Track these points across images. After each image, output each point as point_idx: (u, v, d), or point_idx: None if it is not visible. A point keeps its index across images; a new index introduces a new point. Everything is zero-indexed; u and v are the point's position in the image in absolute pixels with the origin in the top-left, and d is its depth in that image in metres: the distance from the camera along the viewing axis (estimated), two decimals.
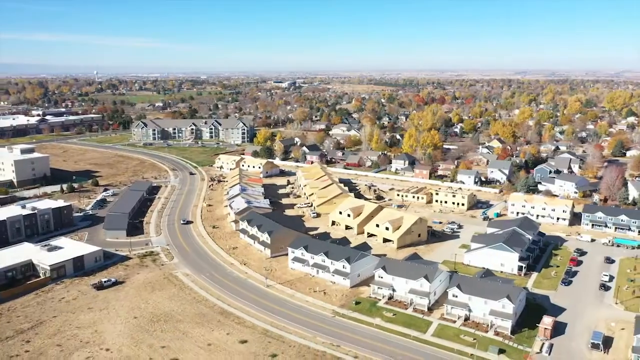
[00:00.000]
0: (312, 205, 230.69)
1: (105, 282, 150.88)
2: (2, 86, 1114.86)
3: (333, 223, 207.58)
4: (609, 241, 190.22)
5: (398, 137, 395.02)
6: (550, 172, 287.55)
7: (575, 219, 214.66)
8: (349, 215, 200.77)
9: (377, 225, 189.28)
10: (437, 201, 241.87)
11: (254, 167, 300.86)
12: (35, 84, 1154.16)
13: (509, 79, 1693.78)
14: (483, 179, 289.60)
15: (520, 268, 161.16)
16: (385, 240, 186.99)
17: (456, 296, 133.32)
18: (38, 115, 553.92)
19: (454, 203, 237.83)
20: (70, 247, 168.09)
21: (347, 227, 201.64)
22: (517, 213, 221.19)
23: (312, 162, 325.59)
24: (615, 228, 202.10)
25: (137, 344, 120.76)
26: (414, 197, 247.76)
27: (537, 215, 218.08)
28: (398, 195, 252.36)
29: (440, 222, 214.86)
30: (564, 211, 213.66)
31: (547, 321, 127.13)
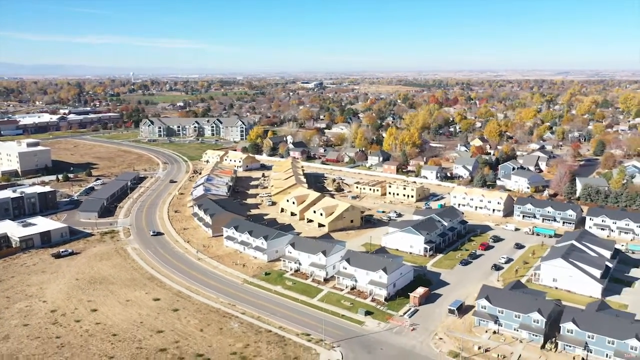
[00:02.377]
0: (270, 194, 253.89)
1: (62, 252, 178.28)
2: (44, 87, 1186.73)
3: (282, 210, 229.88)
4: (530, 230, 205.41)
5: (384, 135, 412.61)
6: (514, 168, 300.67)
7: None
8: (293, 203, 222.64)
9: (315, 212, 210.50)
10: (390, 193, 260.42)
11: (235, 161, 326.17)
12: (73, 84, 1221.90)
13: (543, 79, 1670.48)
14: (449, 175, 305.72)
15: (426, 249, 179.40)
16: (321, 225, 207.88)
17: (345, 268, 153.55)
18: (64, 114, 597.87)
19: (404, 195, 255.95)
20: (42, 224, 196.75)
21: (292, 214, 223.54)
22: (459, 204, 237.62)
23: (294, 158, 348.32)
24: (543, 219, 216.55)
25: (70, 298, 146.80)
26: (370, 189, 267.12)
27: (476, 207, 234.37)
28: (357, 187, 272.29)
29: (384, 212, 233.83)
30: (498, 203, 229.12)
31: (419, 291, 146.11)
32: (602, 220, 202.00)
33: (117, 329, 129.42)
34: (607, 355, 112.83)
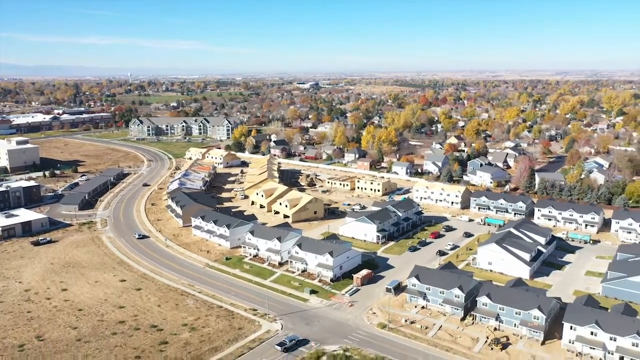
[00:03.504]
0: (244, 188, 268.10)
1: (41, 240, 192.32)
2: (42, 87, 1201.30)
3: (253, 203, 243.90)
4: (482, 220, 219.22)
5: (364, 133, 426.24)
6: (481, 165, 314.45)
7: None
8: (262, 196, 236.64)
9: (280, 204, 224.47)
10: (358, 187, 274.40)
11: (215, 158, 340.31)
12: (71, 85, 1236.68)
13: (539, 79, 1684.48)
14: (419, 171, 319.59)
15: (378, 237, 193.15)
16: (286, 216, 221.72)
17: (297, 253, 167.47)
18: (57, 114, 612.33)
19: (372, 189, 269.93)
20: (23, 215, 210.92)
21: (261, 206, 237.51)
22: (420, 198, 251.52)
23: (273, 155, 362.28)
24: (496, 210, 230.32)
25: (43, 279, 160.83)
26: (340, 184, 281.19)
27: (436, 200, 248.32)
28: (328, 182, 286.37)
29: (349, 204, 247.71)
30: (456, 196, 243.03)
31: (362, 273, 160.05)
32: (549, 211, 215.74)
33: (83, 305, 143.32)
34: (514, 324, 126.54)
